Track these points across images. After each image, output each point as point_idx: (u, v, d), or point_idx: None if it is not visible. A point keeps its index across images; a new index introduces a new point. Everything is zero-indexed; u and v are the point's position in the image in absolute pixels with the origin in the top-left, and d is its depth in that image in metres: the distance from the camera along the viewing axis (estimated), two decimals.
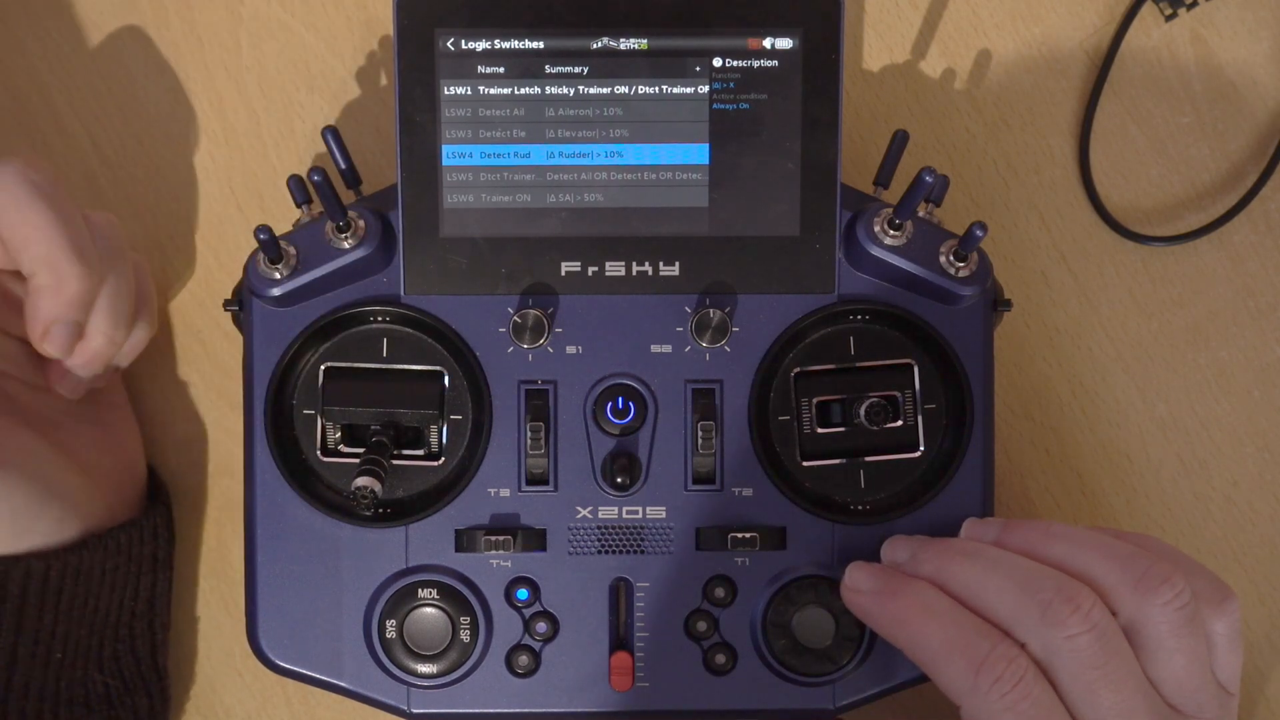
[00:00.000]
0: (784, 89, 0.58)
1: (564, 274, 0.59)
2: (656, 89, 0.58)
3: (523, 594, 0.59)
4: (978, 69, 0.67)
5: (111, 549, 0.60)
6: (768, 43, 0.58)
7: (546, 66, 0.58)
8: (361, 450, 0.58)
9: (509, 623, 0.59)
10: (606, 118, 0.58)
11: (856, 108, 0.67)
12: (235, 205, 0.67)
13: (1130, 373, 0.67)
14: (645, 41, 0.58)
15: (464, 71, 0.58)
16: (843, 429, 0.60)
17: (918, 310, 0.59)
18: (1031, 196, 0.67)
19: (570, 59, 0.58)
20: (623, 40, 0.58)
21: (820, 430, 0.60)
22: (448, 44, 0.58)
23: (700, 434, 0.59)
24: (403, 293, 0.59)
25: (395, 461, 0.59)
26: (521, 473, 0.59)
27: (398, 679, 0.59)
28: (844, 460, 0.60)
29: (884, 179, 0.60)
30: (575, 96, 0.58)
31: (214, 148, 0.67)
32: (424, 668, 0.59)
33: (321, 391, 0.59)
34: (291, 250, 0.58)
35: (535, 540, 0.59)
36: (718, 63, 0.58)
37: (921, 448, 0.60)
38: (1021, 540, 0.55)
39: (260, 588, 0.59)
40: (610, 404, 0.59)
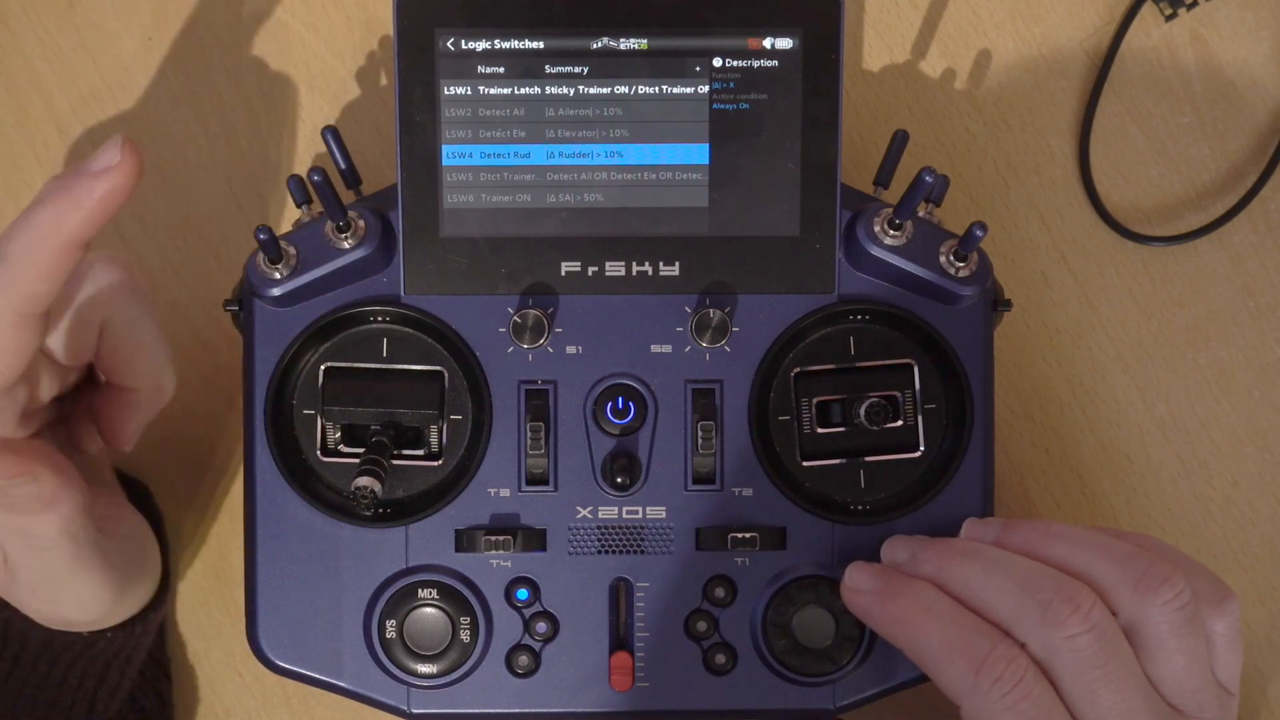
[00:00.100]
0: (784, 89, 0.58)
1: (564, 274, 0.59)
2: (656, 89, 0.58)
3: (523, 594, 0.59)
4: (978, 69, 0.67)
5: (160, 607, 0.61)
6: (768, 43, 0.58)
7: (546, 66, 0.58)
8: (361, 450, 0.58)
9: (509, 623, 0.59)
10: (606, 118, 0.58)
11: (856, 108, 0.67)
12: (235, 205, 0.67)
13: (1130, 373, 0.67)
14: (645, 41, 0.58)
15: (464, 71, 0.58)
16: (843, 429, 0.60)
17: (918, 310, 0.59)
18: (1031, 196, 0.67)
19: (570, 59, 0.58)
20: (623, 40, 0.58)
21: (820, 430, 0.60)
22: (448, 44, 0.58)
23: (700, 434, 0.59)
24: (403, 293, 0.59)
25: (395, 461, 0.59)
26: (521, 473, 0.59)
27: (398, 679, 0.59)
28: (844, 460, 0.60)
29: (884, 179, 0.60)
30: (575, 96, 0.58)
31: (214, 148, 0.67)
32: (424, 668, 0.59)
33: (321, 391, 0.59)
34: (291, 250, 0.58)
35: (535, 540, 0.59)
36: (718, 63, 0.58)
37: (921, 448, 0.60)
38: (1021, 540, 0.55)
39: (260, 588, 0.59)
40: (610, 404, 0.59)
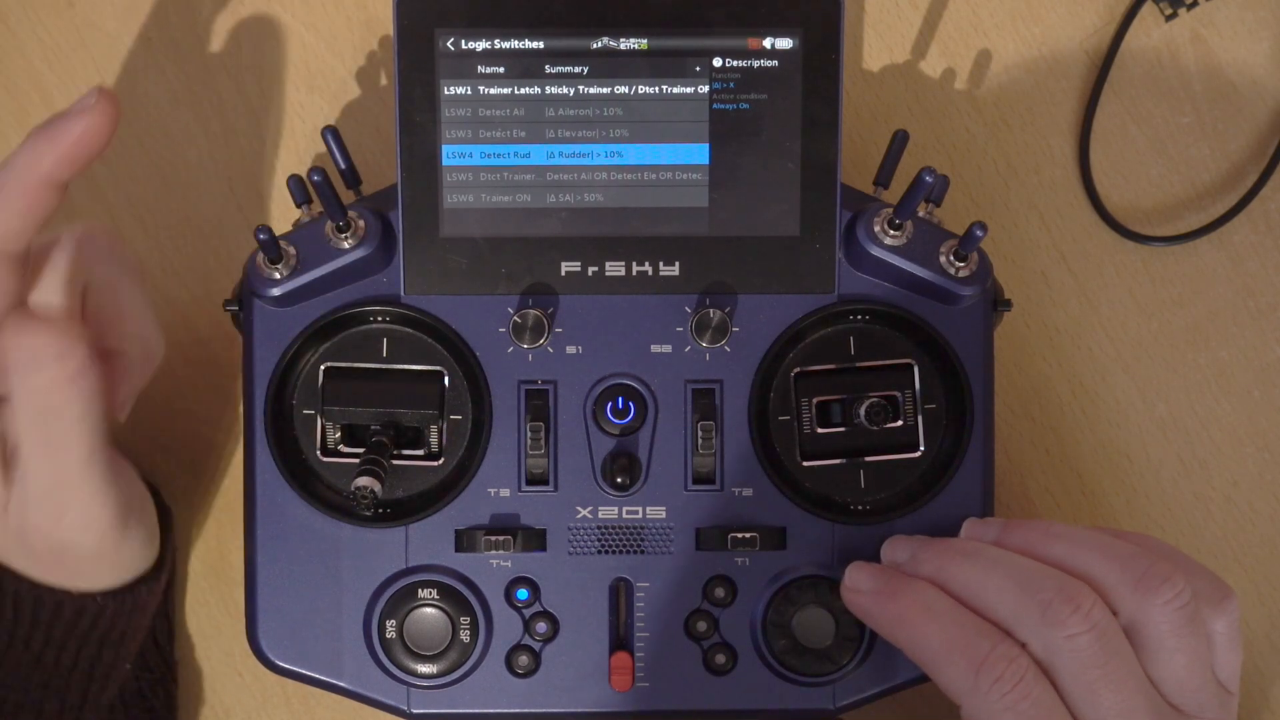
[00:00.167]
0: (784, 89, 0.58)
1: (564, 274, 0.59)
2: (656, 89, 0.58)
3: (523, 594, 0.59)
4: (978, 69, 0.67)
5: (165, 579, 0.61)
6: (768, 43, 0.58)
7: (546, 66, 0.58)
8: (361, 450, 0.58)
9: (509, 623, 0.59)
10: (606, 118, 0.58)
11: (856, 108, 0.67)
12: (235, 205, 0.67)
13: (1130, 373, 0.67)
14: (645, 41, 0.58)
15: (464, 71, 0.58)
16: (843, 429, 0.60)
17: (918, 310, 0.59)
18: (1031, 196, 0.67)
19: (570, 59, 0.58)
20: (623, 40, 0.58)
21: (820, 430, 0.60)
22: (448, 44, 0.58)
23: (700, 434, 0.59)
24: (403, 293, 0.59)
25: (395, 461, 0.59)
26: (521, 473, 0.59)
27: (398, 679, 0.59)
28: (844, 460, 0.60)
29: (884, 179, 0.60)
30: (575, 96, 0.58)
31: (214, 148, 0.67)
32: (424, 668, 0.59)
33: (321, 391, 0.59)
34: (291, 250, 0.58)
35: (535, 540, 0.59)
36: (718, 63, 0.58)
37: (921, 448, 0.60)
38: (1021, 540, 0.55)
39: (260, 588, 0.59)
40: (610, 404, 0.59)
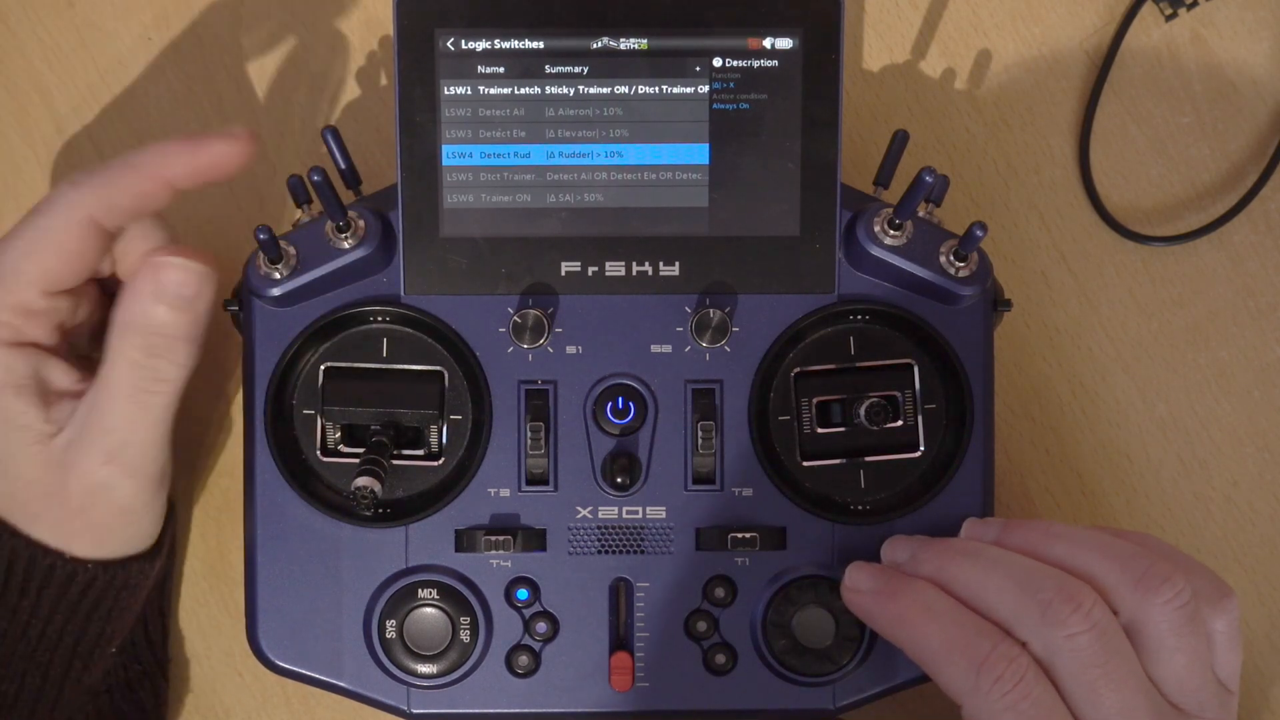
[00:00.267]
0: (784, 89, 0.58)
1: (564, 274, 0.59)
2: (656, 89, 0.58)
3: (523, 594, 0.59)
4: (978, 69, 0.67)
5: (164, 556, 0.61)
6: (768, 43, 0.58)
7: (546, 66, 0.58)
8: (361, 450, 0.58)
9: (509, 623, 0.59)
10: (606, 118, 0.58)
11: (856, 108, 0.67)
12: (235, 205, 0.67)
13: (1130, 373, 0.67)
14: (645, 41, 0.58)
15: (464, 71, 0.58)
16: (843, 429, 0.60)
17: (918, 310, 0.59)
18: (1031, 196, 0.67)
19: (570, 59, 0.58)
20: (623, 40, 0.58)
21: (820, 430, 0.60)
22: (448, 44, 0.58)
23: (700, 434, 0.59)
24: (403, 293, 0.59)
25: (395, 461, 0.59)
26: (521, 473, 0.59)
27: (398, 679, 0.59)
28: (844, 460, 0.60)
29: (884, 179, 0.60)
30: (575, 96, 0.58)
31: None
32: (424, 668, 0.59)
33: (321, 391, 0.59)
34: (291, 250, 0.58)
35: (535, 540, 0.59)
36: (718, 63, 0.58)
37: (921, 448, 0.60)
38: (1021, 540, 0.55)
39: (260, 588, 0.59)
40: (610, 404, 0.59)
